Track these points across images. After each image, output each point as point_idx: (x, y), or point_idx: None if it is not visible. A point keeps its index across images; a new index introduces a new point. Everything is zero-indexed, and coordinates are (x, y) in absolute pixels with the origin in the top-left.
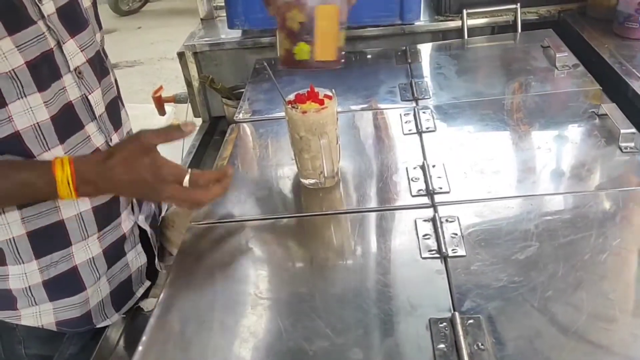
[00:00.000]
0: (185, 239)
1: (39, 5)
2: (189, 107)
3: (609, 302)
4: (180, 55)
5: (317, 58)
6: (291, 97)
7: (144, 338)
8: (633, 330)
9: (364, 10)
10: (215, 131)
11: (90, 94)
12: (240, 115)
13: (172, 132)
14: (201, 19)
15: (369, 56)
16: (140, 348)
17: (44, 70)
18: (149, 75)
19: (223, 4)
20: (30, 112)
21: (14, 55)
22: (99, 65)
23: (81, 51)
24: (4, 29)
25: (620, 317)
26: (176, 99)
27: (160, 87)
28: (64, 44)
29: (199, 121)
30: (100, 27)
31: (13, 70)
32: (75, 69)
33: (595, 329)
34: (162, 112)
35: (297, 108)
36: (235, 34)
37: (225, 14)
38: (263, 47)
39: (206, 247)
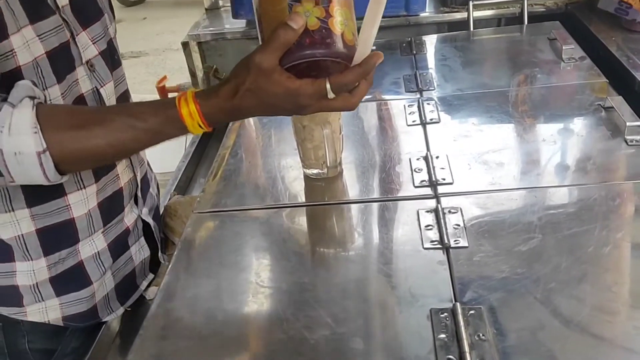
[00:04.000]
0: (187, 228)
1: None
2: None
3: (612, 294)
4: (185, 45)
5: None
6: None
7: (144, 324)
8: (636, 323)
9: (369, 0)
10: None
11: (102, 86)
12: None
13: (287, 36)
14: (206, 9)
15: (373, 47)
16: (141, 333)
17: (61, 62)
18: (154, 66)
19: None
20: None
21: (35, 44)
22: (111, 57)
23: (93, 44)
24: (26, 17)
25: (623, 310)
26: (180, 89)
27: (164, 77)
28: (77, 35)
29: None
30: (113, 17)
31: (35, 60)
32: (87, 62)
33: (598, 321)
34: None
35: None
36: (240, 24)
37: (229, 4)
38: None
39: (208, 236)
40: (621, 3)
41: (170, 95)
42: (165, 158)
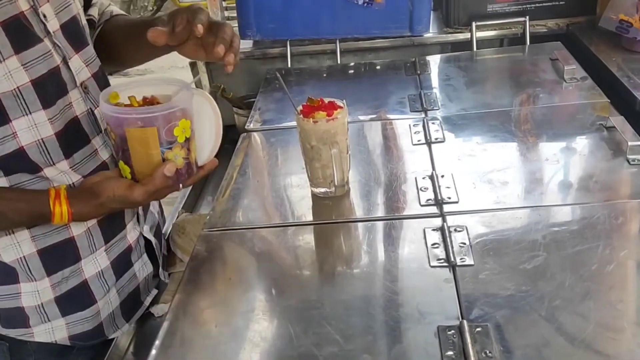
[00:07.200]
0: (197, 246)
1: (45, 22)
2: None
3: (617, 312)
4: (192, 64)
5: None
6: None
7: (157, 342)
8: None
9: (373, 21)
10: (225, 140)
11: (96, 108)
12: (251, 125)
13: (163, 182)
14: None
15: (378, 67)
16: (153, 352)
17: (50, 87)
18: None
19: (235, 15)
20: (34, 128)
21: (19, 73)
22: (103, 79)
23: (86, 66)
24: (11, 48)
25: (628, 327)
26: None
27: None
28: (69, 59)
29: None
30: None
31: (17, 88)
32: (81, 84)
33: (603, 338)
34: None
35: (309, 118)
36: (247, 44)
37: (237, 24)
38: (274, 57)
39: (218, 254)
40: (622, 22)
41: None
42: None
